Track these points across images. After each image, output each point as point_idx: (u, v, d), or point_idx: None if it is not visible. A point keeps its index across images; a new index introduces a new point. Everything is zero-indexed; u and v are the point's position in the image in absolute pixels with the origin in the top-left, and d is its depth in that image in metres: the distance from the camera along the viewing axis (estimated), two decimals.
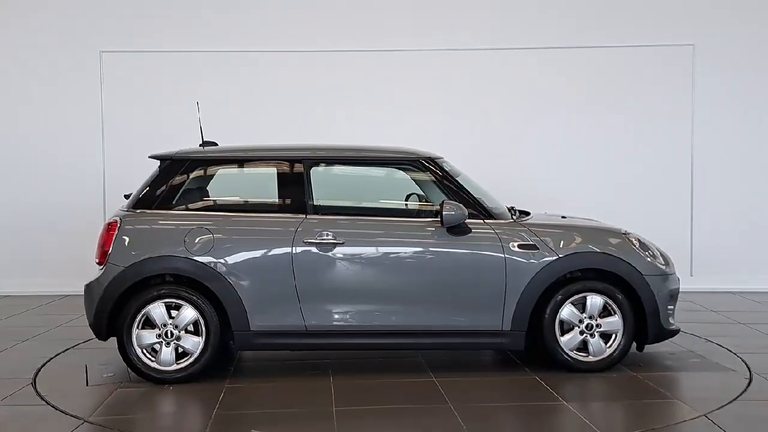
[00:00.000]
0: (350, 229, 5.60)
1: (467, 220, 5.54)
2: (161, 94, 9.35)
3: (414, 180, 5.98)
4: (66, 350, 6.42)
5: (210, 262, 5.43)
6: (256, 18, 9.42)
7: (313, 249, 5.48)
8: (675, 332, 5.85)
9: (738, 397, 5.05)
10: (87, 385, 5.46)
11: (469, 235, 5.57)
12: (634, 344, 5.78)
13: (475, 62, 9.43)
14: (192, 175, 5.72)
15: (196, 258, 5.43)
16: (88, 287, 5.59)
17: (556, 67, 9.44)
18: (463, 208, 5.49)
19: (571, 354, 5.61)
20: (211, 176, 5.87)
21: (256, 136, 7.55)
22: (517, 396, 5.25)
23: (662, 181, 9.42)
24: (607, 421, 4.78)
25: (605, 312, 5.64)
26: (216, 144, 6.09)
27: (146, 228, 5.57)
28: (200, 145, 5.99)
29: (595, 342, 5.62)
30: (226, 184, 6.00)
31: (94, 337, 5.62)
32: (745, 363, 5.86)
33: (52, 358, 6.15)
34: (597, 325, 5.62)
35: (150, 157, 5.84)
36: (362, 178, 6.56)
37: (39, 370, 5.81)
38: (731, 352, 6.21)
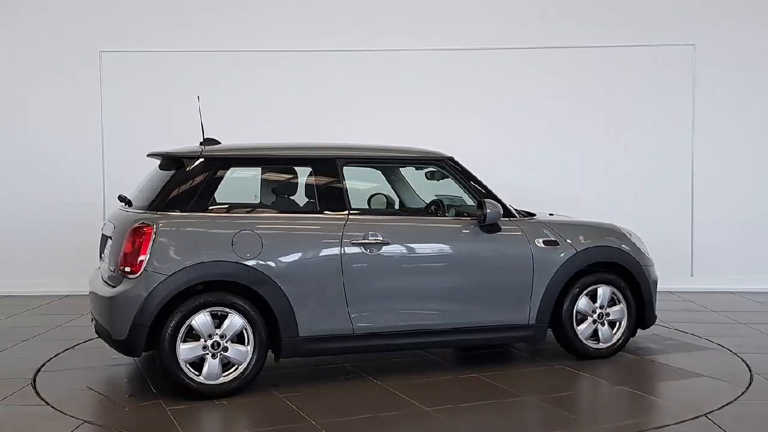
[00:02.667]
0: (394, 229, 5.52)
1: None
2: (161, 94, 9.34)
3: (442, 179, 6.06)
4: (66, 350, 6.41)
5: (260, 266, 5.08)
6: (256, 18, 9.42)
7: (362, 249, 5.34)
8: (656, 318, 6.39)
9: (738, 397, 5.05)
10: (125, 409, 4.91)
11: (500, 233, 5.72)
12: None
13: (474, 62, 9.42)
14: (224, 174, 5.30)
15: (246, 262, 5.05)
16: (116, 300, 4.98)
17: (556, 67, 9.44)
18: (499, 206, 5.64)
19: (586, 342, 5.96)
20: (244, 175, 5.53)
21: (256, 136, 7.54)
22: (573, 385, 5.48)
23: (662, 181, 9.42)
24: (689, 399, 5.05)
25: (611, 302, 6.06)
26: (218, 142, 5.71)
27: (189, 231, 5.07)
28: (200, 143, 5.62)
29: (605, 330, 6.03)
30: (258, 184, 5.72)
31: (105, 343, 5.25)
32: (746, 363, 5.86)
33: (52, 358, 6.14)
34: (606, 314, 6.02)
35: (169, 155, 5.45)
36: (391, 177, 6.56)
37: (39, 370, 5.79)
38: (731, 352, 6.21)
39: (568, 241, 5.88)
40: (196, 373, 4.99)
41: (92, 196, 9.25)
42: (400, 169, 6.51)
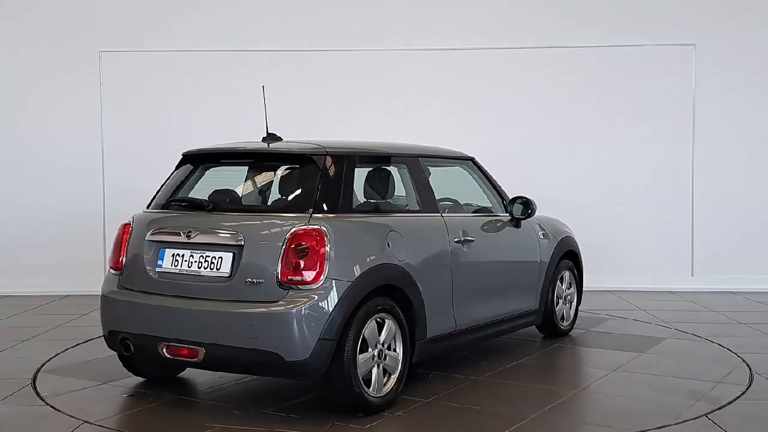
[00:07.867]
0: (475, 226, 5.71)
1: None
2: (161, 94, 9.35)
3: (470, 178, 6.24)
4: (66, 350, 6.40)
5: (409, 268, 4.87)
6: (257, 18, 9.42)
7: (462, 247, 5.42)
8: None
9: (738, 397, 5.04)
10: None
11: (522, 227, 6.18)
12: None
13: (474, 62, 9.43)
14: (354, 173, 4.96)
15: (399, 264, 4.81)
16: (293, 315, 4.31)
17: (556, 67, 9.44)
18: (535, 202, 6.05)
19: (561, 321, 6.67)
20: (361, 174, 5.22)
21: (257, 135, 7.53)
22: (611, 361, 5.96)
23: (663, 180, 9.42)
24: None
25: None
26: (280, 138, 5.27)
27: (354, 234, 4.69)
28: (263, 139, 5.28)
29: (567, 309, 6.77)
30: (366, 183, 5.47)
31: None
32: (746, 363, 5.86)
33: (52, 358, 6.13)
34: (568, 296, 6.75)
35: (291, 153, 5.02)
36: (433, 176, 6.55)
37: (39, 370, 5.79)
38: (732, 351, 6.21)
39: (551, 233, 6.52)
40: (366, 386, 4.57)
41: (92, 196, 9.25)
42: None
